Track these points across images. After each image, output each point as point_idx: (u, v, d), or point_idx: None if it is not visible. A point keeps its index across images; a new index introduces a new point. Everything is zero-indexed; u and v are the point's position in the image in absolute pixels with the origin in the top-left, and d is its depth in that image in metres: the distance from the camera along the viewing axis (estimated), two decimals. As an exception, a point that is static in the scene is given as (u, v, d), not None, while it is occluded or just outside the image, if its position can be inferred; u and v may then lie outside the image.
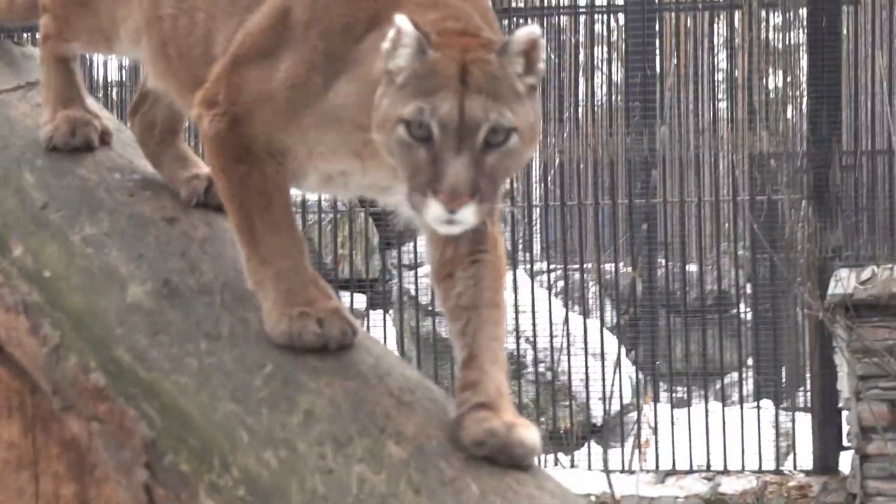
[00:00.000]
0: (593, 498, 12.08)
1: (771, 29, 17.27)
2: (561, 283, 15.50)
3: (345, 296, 14.21)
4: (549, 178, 15.72)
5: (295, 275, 3.49)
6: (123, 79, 16.48)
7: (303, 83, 3.42)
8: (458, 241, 3.47)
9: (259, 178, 3.47)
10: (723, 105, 16.94)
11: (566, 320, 14.02)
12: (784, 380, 15.40)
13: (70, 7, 3.99)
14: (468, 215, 3.13)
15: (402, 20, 3.20)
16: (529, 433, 3.34)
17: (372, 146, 3.36)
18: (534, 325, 13.94)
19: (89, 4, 3.97)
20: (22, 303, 3.80)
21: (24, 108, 4.08)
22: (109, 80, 16.64)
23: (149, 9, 3.79)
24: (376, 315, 15.31)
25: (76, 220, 3.83)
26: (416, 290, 14.79)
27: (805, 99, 14.29)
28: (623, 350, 14.20)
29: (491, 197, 3.17)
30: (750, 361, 15.81)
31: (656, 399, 14.55)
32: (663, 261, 15.10)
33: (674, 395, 14.57)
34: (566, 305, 14.68)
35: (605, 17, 17.32)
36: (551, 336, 13.94)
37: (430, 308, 14.13)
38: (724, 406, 13.64)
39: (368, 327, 13.61)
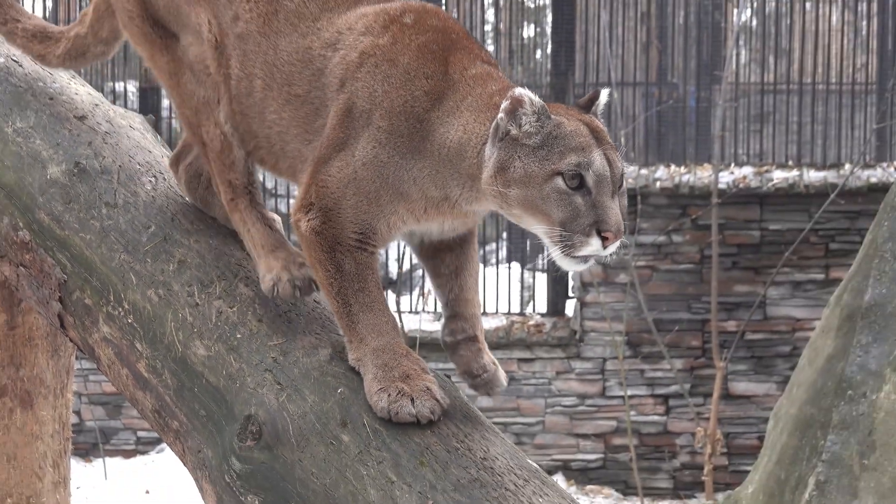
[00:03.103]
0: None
1: (526, -7, 17.33)
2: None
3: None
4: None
5: (390, 350, 3.10)
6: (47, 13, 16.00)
7: (372, 159, 3.05)
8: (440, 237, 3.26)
9: (352, 265, 3.10)
10: (490, 48, 17.00)
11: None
12: (528, 248, 15.57)
13: (194, 92, 3.44)
14: (614, 248, 2.89)
15: (522, 91, 2.91)
16: (504, 375, 3.21)
17: (433, 209, 3.08)
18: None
19: (196, 69, 3.42)
20: (-33, 178, 3.74)
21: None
22: (40, 14, 16.13)
23: (220, 69, 3.37)
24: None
25: (9, 117, 3.77)
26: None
27: (549, 44, 14.37)
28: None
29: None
30: (504, 234, 15.98)
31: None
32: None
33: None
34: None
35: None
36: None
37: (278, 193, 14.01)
38: (485, 266, 13.74)
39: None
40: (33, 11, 15.92)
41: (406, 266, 14.29)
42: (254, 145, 3.33)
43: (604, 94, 3.00)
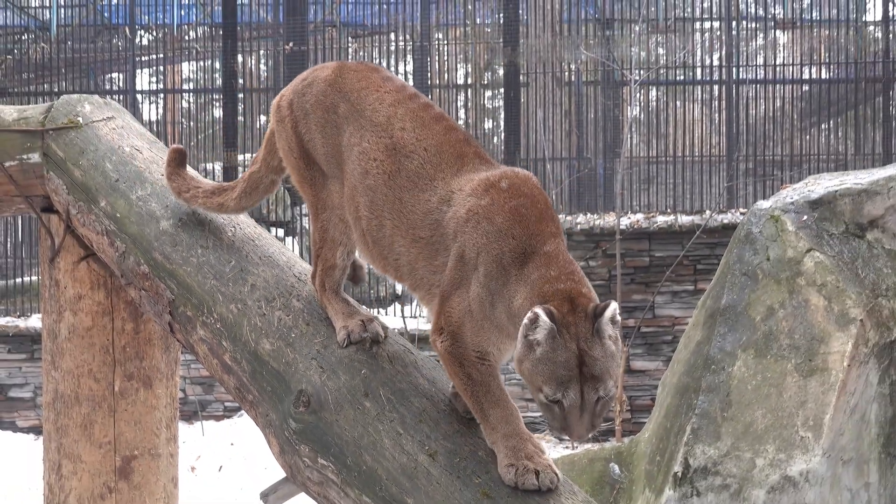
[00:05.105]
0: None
1: (486, 99, 17.35)
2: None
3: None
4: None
5: (516, 436, 2.81)
6: (160, 118, 15.97)
7: (477, 297, 2.77)
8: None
9: (477, 374, 2.82)
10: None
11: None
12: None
13: (325, 223, 3.20)
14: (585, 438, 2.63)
15: (541, 311, 2.55)
16: None
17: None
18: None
19: (333, 206, 3.17)
20: (105, 230, 3.73)
21: (107, 130, 3.98)
22: (153, 119, 16.09)
23: (353, 211, 3.09)
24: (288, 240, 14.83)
25: (133, 188, 3.75)
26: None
27: (503, 132, 14.41)
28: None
29: (601, 422, 2.65)
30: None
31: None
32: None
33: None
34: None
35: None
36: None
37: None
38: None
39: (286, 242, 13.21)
40: (148, 117, 15.89)
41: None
42: (383, 265, 3.07)
43: (610, 309, 2.60)
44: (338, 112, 3.11)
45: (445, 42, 15.56)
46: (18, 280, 14.19)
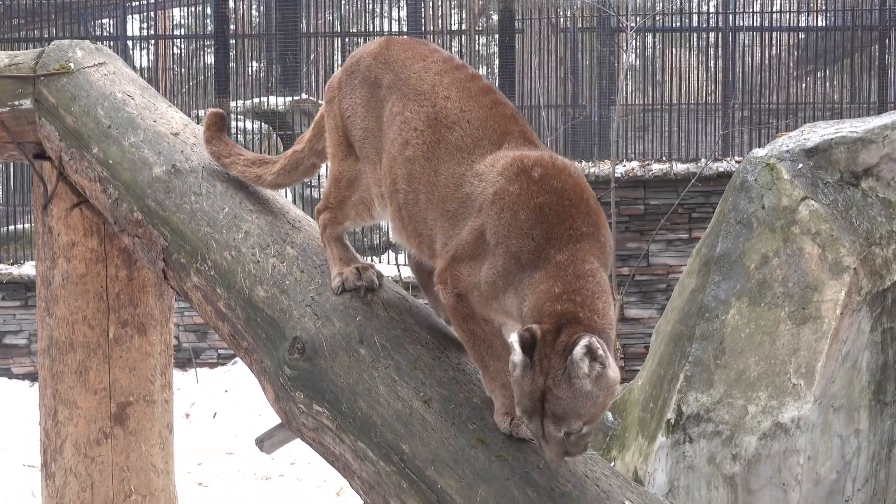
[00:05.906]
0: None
1: (480, 45, 17.24)
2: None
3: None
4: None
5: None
6: (150, 65, 15.84)
7: (491, 282, 2.68)
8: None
9: (481, 331, 2.77)
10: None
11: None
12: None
13: (344, 196, 3.15)
14: (567, 460, 2.59)
15: (517, 341, 2.47)
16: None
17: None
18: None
19: (357, 188, 3.13)
20: (97, 177, 3.72)
21: (98, 76, 3.95)
22: (144, 65, 15.94)
23: (390, 185, 3.00)
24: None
25: (126, 134, 3.73)
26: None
27: (497, 79, 14.33)
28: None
29: (581, 449, 2.55)
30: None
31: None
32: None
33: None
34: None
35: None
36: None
37: (312, 184, 13.88)
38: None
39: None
40: (139, 63, 15.73)
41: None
42: (417, 243, 2.98)
43: (578, 349, 2.45)
44: (381, 85, 3.02)
45: (440, -12, 15.41)
46: (11, 227, 14.16)
